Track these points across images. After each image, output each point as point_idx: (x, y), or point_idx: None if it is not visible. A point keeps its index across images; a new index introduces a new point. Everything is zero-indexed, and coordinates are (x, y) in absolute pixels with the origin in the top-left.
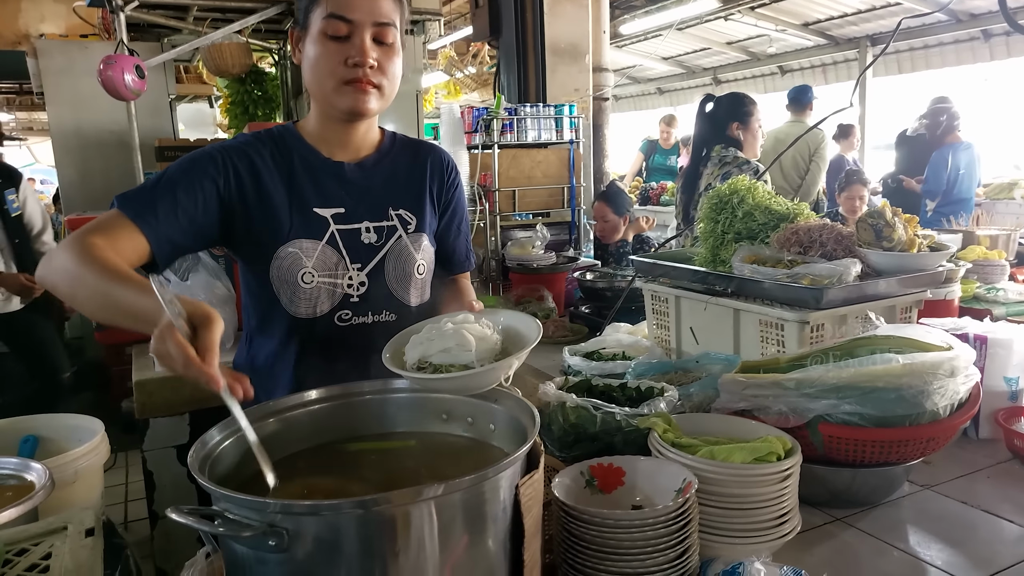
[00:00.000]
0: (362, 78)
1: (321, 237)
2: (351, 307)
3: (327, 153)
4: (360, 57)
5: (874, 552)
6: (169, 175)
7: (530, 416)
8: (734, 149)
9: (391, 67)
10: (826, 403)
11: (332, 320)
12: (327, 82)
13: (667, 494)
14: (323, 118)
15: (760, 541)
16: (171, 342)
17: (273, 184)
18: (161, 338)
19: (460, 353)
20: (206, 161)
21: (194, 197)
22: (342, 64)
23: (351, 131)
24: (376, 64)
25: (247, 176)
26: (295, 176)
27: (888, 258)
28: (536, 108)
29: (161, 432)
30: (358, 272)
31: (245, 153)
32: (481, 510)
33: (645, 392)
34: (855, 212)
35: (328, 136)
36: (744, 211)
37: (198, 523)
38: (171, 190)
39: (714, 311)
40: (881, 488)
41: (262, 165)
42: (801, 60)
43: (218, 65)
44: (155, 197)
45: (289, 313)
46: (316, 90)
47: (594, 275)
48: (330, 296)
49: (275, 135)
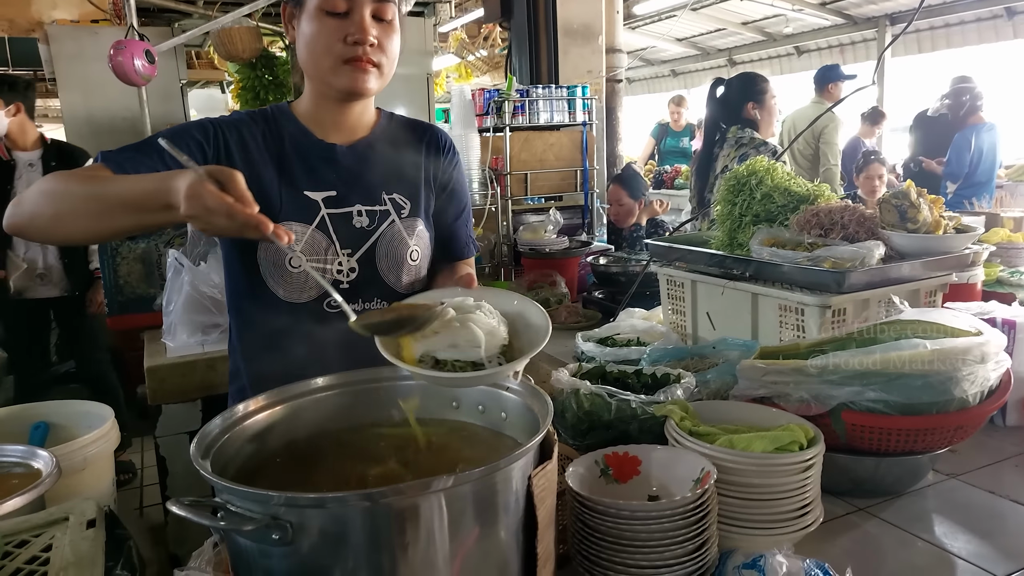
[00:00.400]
0: (362, 56)
1: (311, 221)
2: (341, 293)
3: (320, 134)
4: (360, 34)
5: (898, 543)
6: (156, 137)
7: (543, 404)
8: (750, 130)
9: (390, 45)
10: (850, 390)
11: (321, 307)
12: (324, 60)
13: (684, 484)
14: (318, 98)
15: (781, 533)
16: (208, 196)
17: (263, 164)
18: (195, 195)
19: (468, 349)
20: (197, 129)
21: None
22: (340, 42)
23: (346, 111)
24: (376, 42)
25: (237, 152)
26: (286, 158)
27: (913, 240)
28: (548, 90)
29: (174, 418)
30: (348, 258)
31: (237, 129)
32: (493, 502)
33: (661, 379)
34: (874, 193)
35: (322, 117)
36: (762, 193)
37: (199, 516)
38: (158, 150)
39: (731, 296)
40: (905, 477)
41: (253, 144)
42: (818, 40)
43: (228, 50)
44: (140, 154)
45: (277, 298)
46: (312, 69)
47: (607, 260)
48: (319, 282)
49: (268, 115)
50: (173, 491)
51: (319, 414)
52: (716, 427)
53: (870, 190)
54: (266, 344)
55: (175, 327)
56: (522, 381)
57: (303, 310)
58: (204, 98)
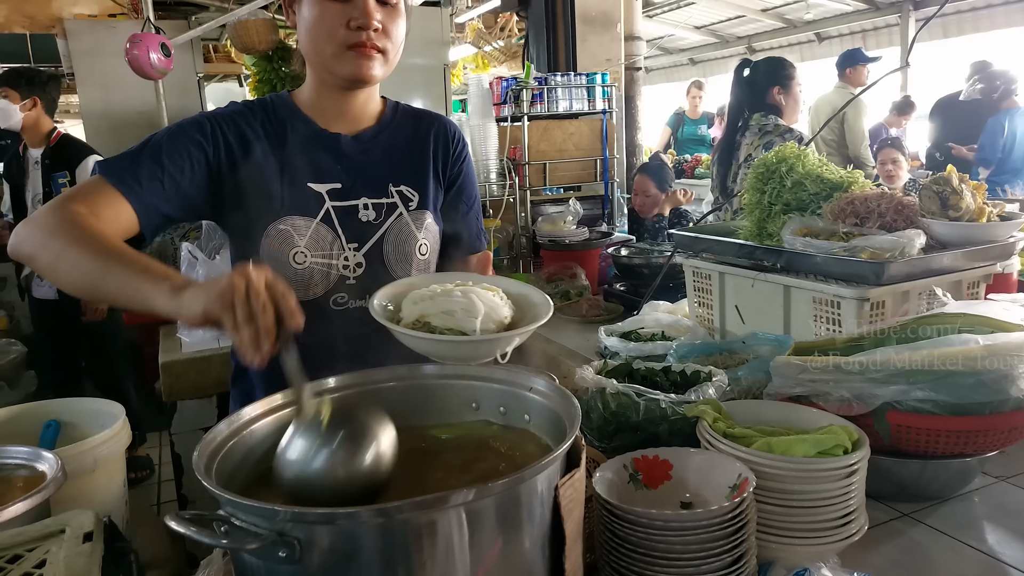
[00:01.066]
0: (366, 42)
1: (315, 215)
2: (347, 290)
3: (324, 124)
4: (364, 19)
5: (947, 551)
6: (155, 140)
7: (570, 406)
8: (774, 117)
9: (396, 30)
10: (895, 389)
11: (327, 304)
12: (326, 46)
13: (719, 490)
14: (320, 86)
15: (823, 543)
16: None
17: (264, 157)
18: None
19: (464, 318)
20: (194, 128)
21: (180, 164)
22: (343, 27)
23: (350, 100)
24: (380, 26)
25: (236, 146)
26: (288, 149)
27: (955, 228)
28: (567, 77)
29: (189, 415)
30: (355, 252)
31: (235, 122)
32: (517, 515)
33: (691, 377)
34: (892, 178)
35: (325, 106)
36: (793, 180)
37: (199, 535)
38: (156, 156)
39: (762, 288)
40: (953, 481)
41: (252, 136)
42: (840, 26)
43: (244, 42)
44: (139, 163)
45: None
46: (313, 55)
47: (629, 251)
48: (324, 278)
49: (267, 104)
50: (189, 488)
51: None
52: (752, 428)
53: (885, 175)
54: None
55: None
56: (546, 381)
57: (309, 308)
58: (222, 92)
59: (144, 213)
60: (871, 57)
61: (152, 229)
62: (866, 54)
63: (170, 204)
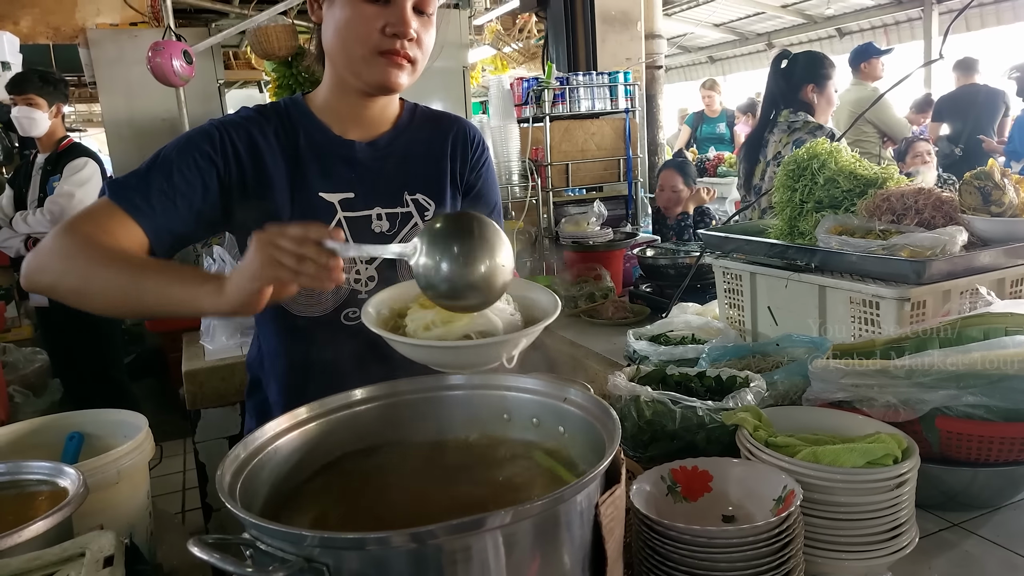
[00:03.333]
0: (399, 50)
1: (326, 225)
2: (359, 304)
3: (338, 130)
4: (401, 27)
5: (1003, 565)
6: (164, 156)
7: (608, 419)
8: (804, 114)
9: (428, 40)
10: (945, 394)
11: (338, 319)
12: (356, 49)
13: (763, 503)
14: (339, 89)
15: (873, 557)
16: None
17: (275, 164)
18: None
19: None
20: (203, 139)
21: (192, 180)
22: (378, 31)
23: (369, 106)
24: (415, 36)
25: (246, 154)
26: (300, 156)
27: (997, 224)
28: (589, 76)
29: (213, 422)
30: (367, 266)
31: (246, 129)
32: (556, 536)
33: (727, 382)
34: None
35: (341, 110)
36: (825, 177)
37: (223, 561)
38: (167, 174)
39: (795, 288)
40: (1006, 489)
41: (264, 143)
42: (860, 21)
43: (264, 48)
44: (149, 183)
45: (290, 313)
46: (340, 57)
47: (655, 251)
48: (335, 292)
49: (281, 109)
50: (212, 498)
51: (355, 432)
52: (795, 437)
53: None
54: (284, 361)
55: (214, 329)
56: (581, 391)
57: (320, 323)
58: (242, 98)
59: (156, 237)
60: (883, 50)
61: (164, 250)
62: (877, 47)
63: (183, 223)
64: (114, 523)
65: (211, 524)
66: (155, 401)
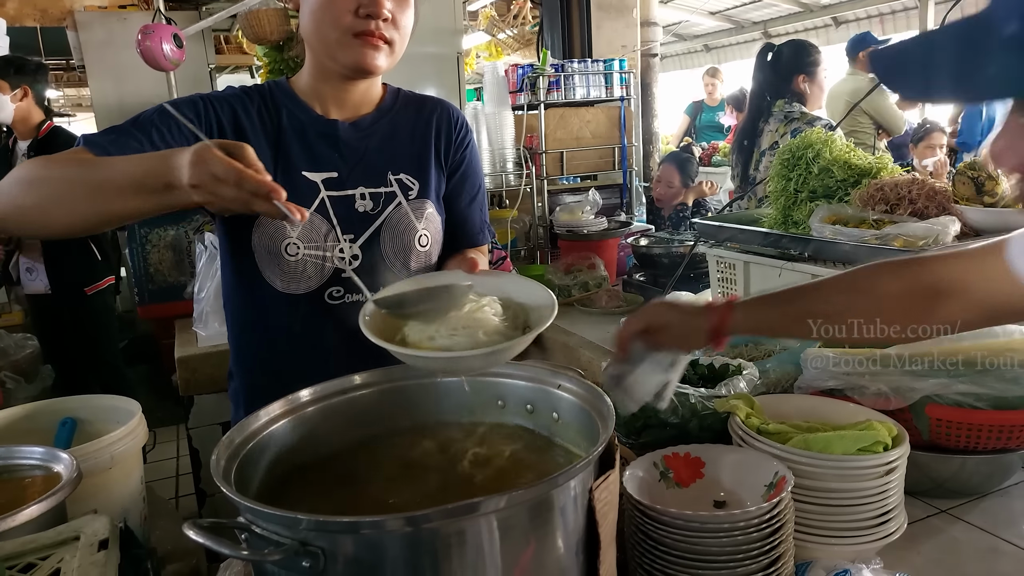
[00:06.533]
0: (374, 31)
1: (309, 204)
2: (343, 283)
3: (321, 111)
4: (374, 7)
5: (988, 550)
6: (144, 117)
7: (602, 404)
8: (799, 104)
9: (404, 20)
10: (935, 382)
11: (322, 298)
12: (331, 32)
13: (754, 489)
14: (319, 72)
15: (862, 542)
16: (216, 161)
17: (257, 143)
18: (202, 161)
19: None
20: (188, 107)
21: (170, 143)
22: (351, 13)
23: (350, 89)
24: (390, 16)
25: (229, 130)
26: (283, 136)
27: (991, 215)
28: (584, 63)
29: (206, 409)
30: (350, 244)
31: (230, 105)
32: (550, 521)
33: (720, 370)
34: (943, 164)
35: (323, 92)
36: (820, 167)
37: (219, 544)
38: (145, 132)
39: (789, 277)
40: (993, 476)
41: (247, 121)
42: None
43: (256, 32)
44: (126, 137)
45: (274, 290)
46: (316, 40)
47: (649, 241)
48: (319, 271)
49: (264, 90)
50: (206, 483)
51: (349, 418)
52: (787, 424)
53: (937, 162)
54: (263, 341)
55: (207, 315)
56: (574, 377)
57: (304, 302)
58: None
59: None
60: (881, 39)
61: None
62: (875, 37)
63: None
64: (108, 508)
65: (205, 510)
66: (148, 387)
